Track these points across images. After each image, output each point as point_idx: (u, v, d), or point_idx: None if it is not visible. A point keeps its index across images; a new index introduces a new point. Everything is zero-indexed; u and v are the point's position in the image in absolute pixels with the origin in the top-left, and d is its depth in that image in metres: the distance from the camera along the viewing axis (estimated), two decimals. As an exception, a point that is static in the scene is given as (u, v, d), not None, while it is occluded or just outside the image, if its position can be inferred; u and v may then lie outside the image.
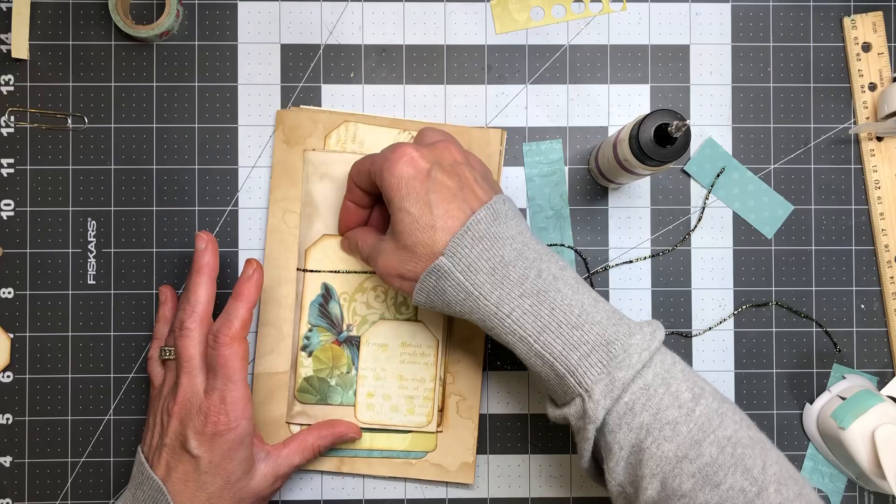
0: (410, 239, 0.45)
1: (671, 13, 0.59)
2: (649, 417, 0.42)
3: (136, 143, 0.57)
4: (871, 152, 0.58)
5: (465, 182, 0.46)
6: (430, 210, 0.45)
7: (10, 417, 0.57)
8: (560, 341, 0.43)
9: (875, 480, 0.53)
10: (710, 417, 0.42)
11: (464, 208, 0.45)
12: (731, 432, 0.42)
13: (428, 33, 0.58)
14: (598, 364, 0.42)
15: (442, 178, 0.45)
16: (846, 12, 0.59)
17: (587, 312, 0.44)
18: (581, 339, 0.43)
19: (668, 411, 0.42)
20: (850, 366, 0.58)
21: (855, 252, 0.59)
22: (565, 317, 0.43)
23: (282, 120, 0.57)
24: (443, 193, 0.45)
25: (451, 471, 0.56)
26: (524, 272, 0.44)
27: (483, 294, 0.44)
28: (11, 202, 0.57)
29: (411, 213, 0.45)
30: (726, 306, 0.58)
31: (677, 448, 0.41)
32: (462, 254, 0.44)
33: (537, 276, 0.44)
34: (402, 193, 0.45)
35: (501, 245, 0.45)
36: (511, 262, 0.44)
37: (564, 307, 0.44)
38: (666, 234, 0.58)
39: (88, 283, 0.57)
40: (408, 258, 0.46)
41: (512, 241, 0.45)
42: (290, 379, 0.56)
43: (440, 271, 0.45)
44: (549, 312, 0.43)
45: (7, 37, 0.57)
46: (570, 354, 0.43)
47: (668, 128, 0.45)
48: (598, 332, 0.43)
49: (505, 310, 0.44)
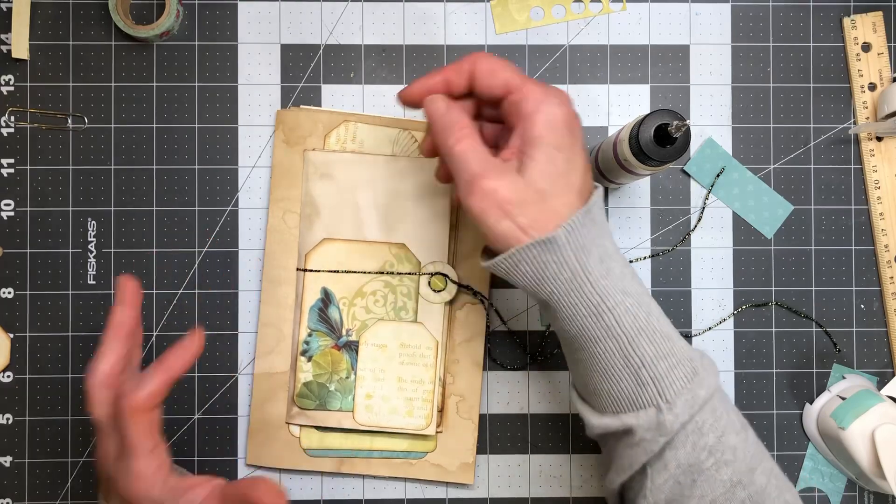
0: (546, 185, 0.41)
1: (671, 13, 0.59)
2: (714, 439, 0.41)
3: (136, 143, 0.57)
4: (870, 152, 0.58)
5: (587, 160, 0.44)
6: (574, 167, 0.42)
7: (10, 417, 0.57)
8: (653, 348, 0.42)
9: (875, 480, 0.53)
10: (758, 447, 0.43)
11: (589, 177, 0.43)
12: (772, 465, 0.43)
13: (428, 33, 0.58)
14: (682, 377, 0.41)
15: (582, 150, 0.43)
16: (846, 12, 0.59)
17: (671, 326, 0.43)
18: (671, 350, 0.42)
19: (730, 436, 0.42)
20: (850, 366, 0.59)
21: (855, 252, 0.59)
22: (659, 324, 0.42)
23: (282, 120, 0.57)
24: (583, 156, 0.43)
25: (450, 471, 0.56)
26: (623, 269, 0.43)
27: (591, 280, 0.41)
28: (11, 202, 0.57)
29: (558, 164, 0.41)
30: (726, 306, 0.58)
31: (733, 473, 0.41)
32: (580, 233, 0.41)
33: (633, 275, 0.43)
34: (557, 139, 0.41)
35: (608, 235, 0.43)
36: (612, 254, 0.43)
37: (657, 314, 0.43)
38: (666, 234, 0.58)
39: (88, 283, 0.57)
40: (531, 202, 0.41)
41: (610, 234, 0.44)
42: (290, 379, 0.56)
43: (552, 244, 0.40)
44: (646, 316, 0.42)
45: (7, 37, 0.57)
46: (660, 363, 0.41)
47: (668, 128, 0.45)
48: (683, 346, 0.43)
49: (609, 303, 0.41)
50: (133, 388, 0.42)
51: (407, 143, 0.57)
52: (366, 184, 0.56)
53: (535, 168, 0.41)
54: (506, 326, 0.58)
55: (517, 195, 0.41)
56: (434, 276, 0.56)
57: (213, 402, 0.57)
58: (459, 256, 0.57)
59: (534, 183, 0.41)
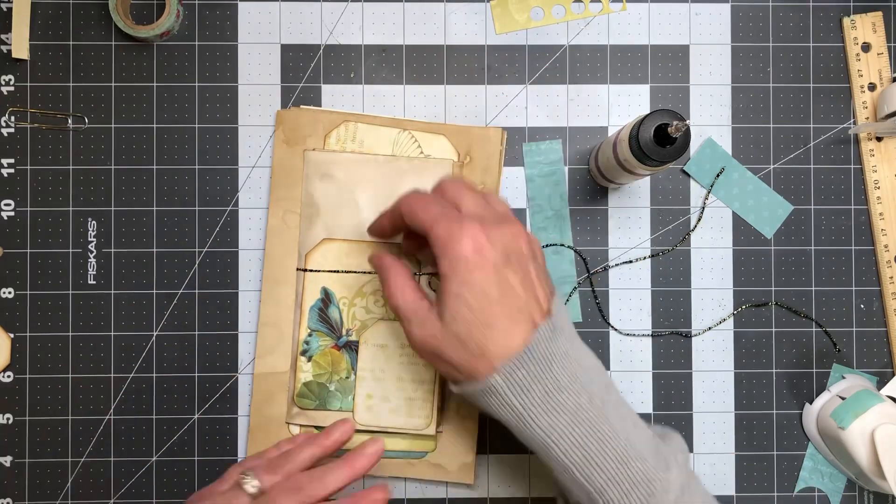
0: (464, 331, 0.42)
1: (671, 13, 0.59)
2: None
3: (136, 143, 0.57)
4: (870, 152, 0.58)
5: (528, 281, 0.44)
6: (490, 307, 0.42)
7: (10, 417, 0.57)
8: (604, 476, 0.42)
9: (875, 480, 0.53)
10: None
11: (525, 315, 0.43)
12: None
13: (428, 33, 0.58)
14: (636, 501, 0.42)
15: (508, 274, 0.43)
16: (846, 12, 0.59)
17: (632, 445, 0.43)
18: (624, 475, 0.42)
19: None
20: (850, 366, 0.59)
21: (854, 252, 0.59)
22: (612, 451, 0.42)
23: (282, 120, 0.57)
24: (507, 292, 0.42)
25: (451, 471, 0.56)
26: (577, 399, 0.43)
27: (533, 418, 0.43)
28: (11, 202, 0.57)
29: (471, 306, 0.42)
30: (726, 306, 0.58)
31: None
32: (519, 375, 0.42)
33: (589, 402, 0.43)
34: (461, 279, 0.42)
35: (557, 367, 0.43)
36: (565, 386, 0.43)
37: (611, 440, 0.43)
38: (666, 234, 0.58)
39: (88, 283, 0.57)
40: (456, 347, 0.43)
41: (566, 359, 0.43)
42: (290, 379, 0.56)
43: (492, 390, 0.43)
44: (597, 444, 0.42)
45: (7, 37, 0.57)
46: (612, 490, 0.42)
47: (668, 128, 0.45)
48: (639, 467, 0.42)
49: (553, 437, 0.43)
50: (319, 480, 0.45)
51: (407, 143, 0.57)
52: (366, 184, 0.56)
53: (448, 313, 0.43)
54: (506, 326, 0.58)
55: (442, 341, 0.43)
56: (434, 275, 0.56)
57: (213, 402, 0.57)
58: (459, 256, 0.57)
59: (451, 327, 0.43)
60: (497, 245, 0.43)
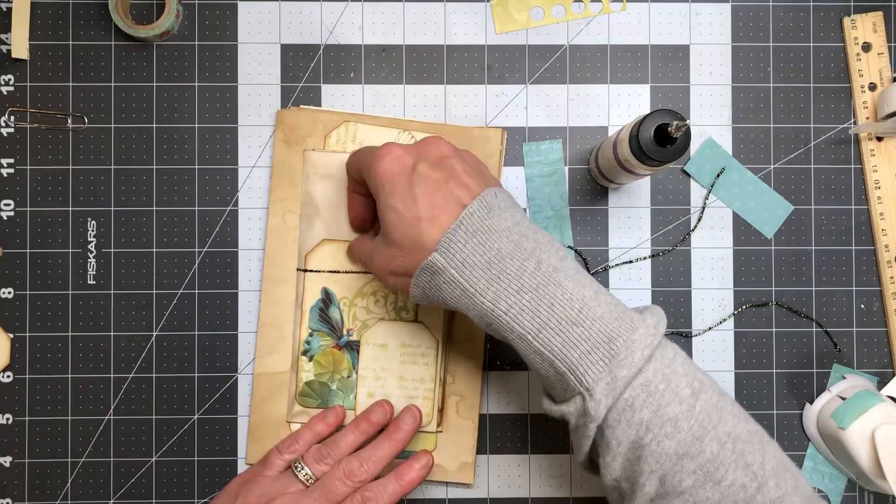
0: (398, 234, 0.45)
1: (671, 13, 0.59)
2: (650, 414, 0.41)
3: (136, 143, 0.57)
4: (871, 152, 0.58)
5: (452, 174, 0.45)
6: (414, 203, 0.44)
7: (10, 417, 0.57)
8: (560, 339, 0.42)
9: (875, 480, 0.53)
10: (710, 413, 0.42)
11: (451, 199, 0.44)
12: (731, 427, 0.42)
13: (428, 33, 0.58)
14: (599, 362, 0.41)
15: (427, 170, 0.45)
16: (846, 12, 0.59)
17: (588, 307, 0.42)
18: (582, 335, 0.42)
19: (669, 408, 0.41)
20: (850, 366, 0.59)
21: (855, 252, 0.59)
22: (565, 312, 0.42)
23: (282, 120, 0.57)
24: (427, 185, 0.44)
25: (450, 471, 0.56)
26: (522, 264, 0.43)
27: (479, 290, 0.43)
28: (11, 202, 0.57)
29: (396, 208, 0.44)
30: (726, 306, 0.58)
31: (678, 445, 0.41)
32: (456, 248, 0.43)
33: (536, 268, 0.43)
34: (386, 190, 0.45)
35: (497, 238, 0.43)
36: (508, 254, 0.43)
37: (564, 302, 0.42)
38: (666, 234, 0.58)
39: (88, 283, 0.57)
40: (397, 253, 0.45)
41: (508, 232, 0.44)
42: (291, 379, 0.56)
43: (434, 268, 0.44)
44: (549, 308, 0.42)
45: (7, 37, 0.57)
46: (571, 352, 0.42)
47: (668, 128, 0.45)
48: (600, 328, 0.42)
49: (502, 306, 0.43)
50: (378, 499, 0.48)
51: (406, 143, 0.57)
52: (366, 184, 0.56)
53: (383, 226, 0.46)
54: (506, 326, 0.58)
55: (387, 254, 0.46)
56: None
57: (213, 402, 0.57)
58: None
59: (388, 237, 0.46)
60: (414, 153, 0.46)
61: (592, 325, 0.42)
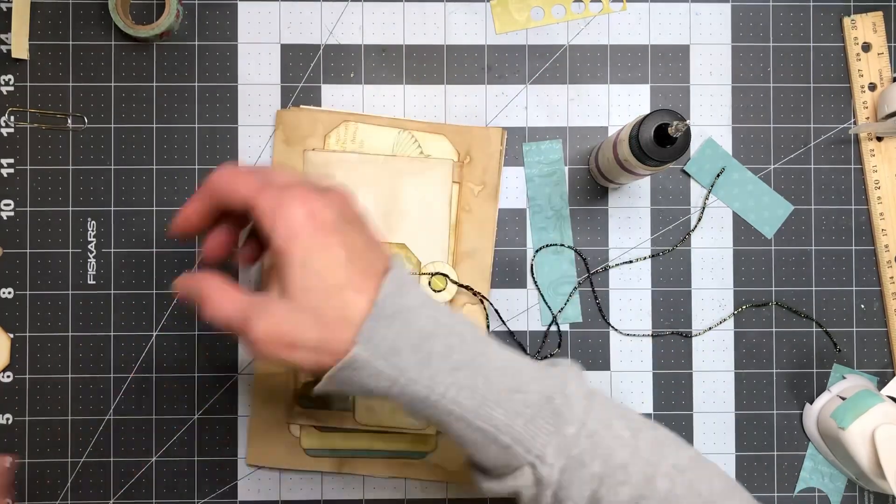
0: (317, 302, 0.38)
1: (671, 13, 0.59)
2: (600, 466, 0.40)
3: (136, 143, 0.57)
4: (871, 152, 0.58)
5: (372, 241, 0.40)
6: (339, 268, 0.38)
7: (10, 417, 0.57)
8: (502, 410, 0.39)
9: (875, 480, 0.53)
10: (653, 449, 0.41)
11: (371, 267, 0.39)
12: (674, 459, 0.41)
13: (428, 33, 0.58)
14: (545, 426, 0.39)
15: (350, 235, 0.39)
16: (846, 12, 0.59)
17: (518, 370, 0.40)
18: (523, 401, 0.39)
19: (616, 454, 0.40)
20: (850, 366, 0.58)
21: (855, 252, 0.59)
22: (503, 381, 0.39)
23: (282, 120, 0.57)
24: (352, 250, 0.39)
25: (451, 471, 0.56)
26: (447, 340, 0.39)
27: (412, 378, 0.38)
28: (11, 202, 0.57)
29: (319, 272, 0.38)
30: (726, 306, 0.58)
31: (632, 489, 0.40)
32: (380, 336, 0.38)
33: (461, 342, 0.39)
34: (302, 248, 0.38)
35: (416, 317, 0.39)
36: (430, 333, 0.39)
37: (499, 371, 0.40)
38: (666, 234, 0.58)
39: (88, 283, 0.57)
40: (311, 325, 0.38)
41: (424, 308, 0.40)
42: (291, 379, 0.56)
43: (356, 363, 0.38)
44: (485, 381, 0.39)
45: (7, 37, 0.57)
46: (515, 422, 0.39)
47: (668, 128, 0.45)
48: (537, 388, 0.40)
49: (439, 390, 0.39)
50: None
51: (407, 144, 0.57)
52: (366, 184, 0.56)
53: (293, 288, 0.38)
54: (506, 326, 0.58)
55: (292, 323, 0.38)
56: (434, 275, 0.56)
57: (213, 402, 0.57)
58: (459, 256, 0.57)
59: (301, 303, 0.38)
60: (331, 207, 0.39)
61: (530, 388, 0.40)
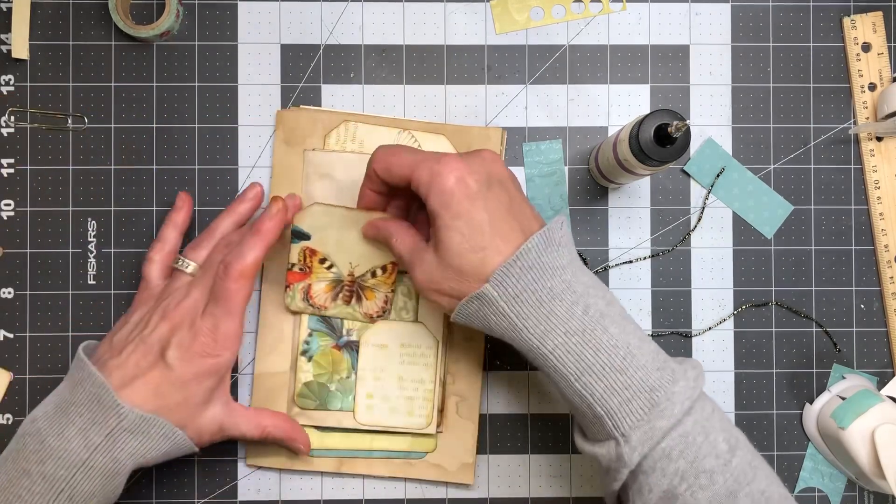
0: (459, 259, 0.43)
1: (671, 13, 0.59)
2: (686, 465, 0.41)
3: (136, 143, 0.57)
4: (870, 152, 0.58)
5: (515, 200, 0.45)
6: (481, 231, 0.43)
7: (10, 417, 0.57)
8: (602, 384, 0.42)
9: (875, 480, 0.53)
10: (745, 470, 0.42)
11: (515, 229, 0.44)
12: (765, 486, 0.42)
13: (428, 33, 0.58)
14: (638, 410, 0.42)
15: (495, 194, 0.44)
16: (846, 12, 0.59)
17: (632, 355, 0.43)
18: (624, 383, 0.42)
19: (706, 460, 0.41)
20: (850, 366, 0.59)
21: (855, 252, 0.59)
22: (609, 359, 0.42)
23: (282, 120, 0.57)
24: (496, 213, 0.43)
25: (451, 471, 0.56)
26: (571, 307, 0.43)
27: (527, 327, 0.43)
28: (11, 202, 0.57)
29: (462, 232, 0.43)
30: (726, 306, 0.58)
31: (712, 497, 0.41)
32: (509, 283, 0.43)
33: (584, 312, 0.43)
34: (452, 212, 0.43)
35: (551, 276, 0.43)
36: (559, 294, 0.43)
37: (609, 348, 0.43)
38: (666, 234, 0.58)
39: (88, 283, 0.57)
40: (454, 277, 0.44)
41: (562, 271, 0.44)
42: (290, 379, 0.56)
43: (484, 298, 0.43)
44: (594, 353, 0.42)
45: (7, 37, 0.57)
46: (611, 399, 0.42)
47: (668, 128, 0.45)
48: (642, 377, 0.42)
49: (549, 346, 0.43)
50: (238, 256, 0.48)
51: (407, 143, 0.57)
52: (366, 184, 0.56)
53: (442, 246, 0.44)
54: (506, 326, 0.58)
55: (441, 274, 0.45)
56: None
57: (213, 402, 0.57)
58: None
59: (446, 258, 0.44)
60: (479, 172, 0.44)
61: (635, 374, 0.42)
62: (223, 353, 0.49)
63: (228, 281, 0.48)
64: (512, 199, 0.45)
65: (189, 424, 0.49)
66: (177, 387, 0.47)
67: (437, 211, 0.44)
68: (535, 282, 0.43)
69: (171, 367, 0.47)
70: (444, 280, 0.45)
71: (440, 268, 0.45)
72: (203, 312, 0.48)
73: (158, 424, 0.47)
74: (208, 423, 0.50)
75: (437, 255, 0.45)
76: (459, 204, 0.43)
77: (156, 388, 0.47)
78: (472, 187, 0.43)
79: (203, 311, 0.48)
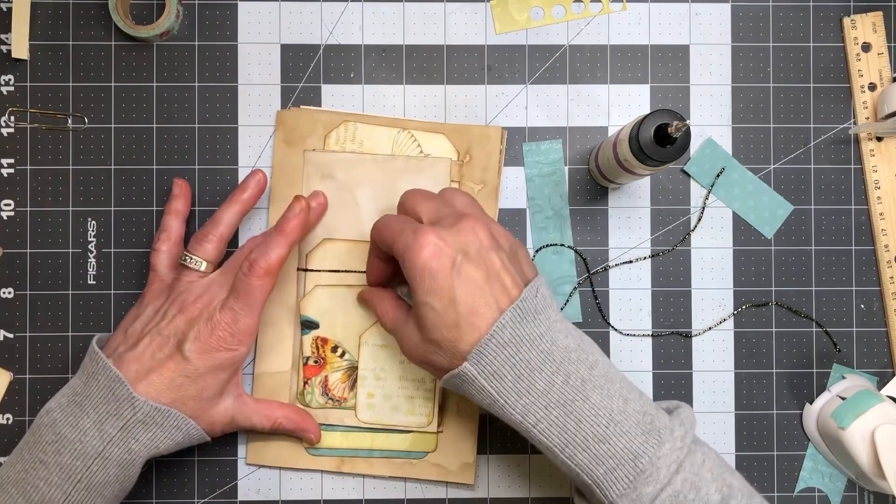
0: (435, 334, 0.44)
1: (671, 13, 0.59)
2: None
3: (136, 143, 0.57)
4: (870, 152, 0.58)
5: (492, 271, 0.44)
6: (454, 307, 0.43)
7: (10, 417, 0.57)
8: (586, 455, 0.43)
9: (875, 480, 0.53)
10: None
11: (490, 304, 0.43)
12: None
13: (428, 33, 0.58)
14: (624, 479, 0.42)
15: (468, 270, 0.44)
16: (846, 12, 0.59)
17: (615, 421, 0.43)
18: (608, 452, 0.42)
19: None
20: (850, 366, 0.59)
21: (855, 252, 0.59)
22: (592, 429, 0.43)
23: (282, 120, 0.57)
24: (468, 288, 0.43)
25: (451, 471, 0.56)
26: (551, 378, 0.43)
27: (509, 403, 0.44)
28: (11, 202, 0.57)
29: (435, 308, 0.44)
30: (726, 306, 0.58)
31: None
32: (487, 360, 0.43)
33: (564, 381, 0.43)
34: (425, 286, 0.44)
35: (528, 348, 0.43)
36: (537, 367, 0.43)
37: (591, 418, 0.43)
38: (666, 234, 0.58)
39: (88, 283, 0.57)
40: (434, 351, 0.45)
41: (539, 340, 0.44)
42: (291, 379, 0.56)
43: (465, 376, 0.44)
44: (576, 425, 0.43)
45: (7, 37, 0.57)
46: (597, 468, 0.42)
47: (668, 128, 0.45)
48: (625, 444, 0.42)
49: (531, 421, 0.43)
50: (264, 254, 0.49)
51: (406, 143, 0.57)
52: (365, 183, 0.56)
53: (419, 321, 0.45)
54: (506, 326, 0.58)
55: (422, 348, 0.46)
56: None
57: (213, 402, 0.57)
58: (459, 256, 0.57)
59: (424, 333, 0.45)
60: (453, 245, 0.44)
61: (618, 442, 0.42)
62: (239, 348, 0.49)
63: (252, 277, 0.49)
64: (489, 270, 0.44)
65: (202, 416, 0.50)
66: (192, 379, 0.48)
67: (412, 285, 0.45)
68: (512, 357, 0.43)
69: (187, 360, 0.48)
70: (427, 353, 0.46)
71: (422, 342, 0.46)
72: (222, 307, 0.49)
73: (172, 416, 0.48)
74: (221, 415, 0.51)
75: (417, 330, 0.46)
76: (433, 280, 0.43)
77: (171, 380, 0.48)
78: (444, 264, 0.43)
79: (222, 305, 0.49)
